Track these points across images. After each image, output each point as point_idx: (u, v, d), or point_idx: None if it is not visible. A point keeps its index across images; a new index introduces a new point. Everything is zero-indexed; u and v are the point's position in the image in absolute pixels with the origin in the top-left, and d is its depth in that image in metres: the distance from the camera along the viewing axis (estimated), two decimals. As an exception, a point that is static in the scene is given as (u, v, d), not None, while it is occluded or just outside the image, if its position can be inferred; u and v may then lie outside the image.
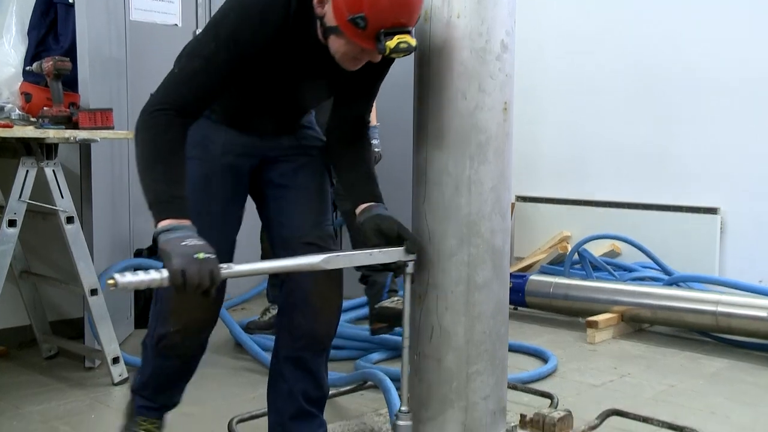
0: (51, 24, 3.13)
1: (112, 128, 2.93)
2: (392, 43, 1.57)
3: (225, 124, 1.87)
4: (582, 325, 3.74)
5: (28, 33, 3.12)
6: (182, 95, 1.67)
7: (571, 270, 4.42)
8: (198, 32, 1.94)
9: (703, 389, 2.95)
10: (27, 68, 2.96)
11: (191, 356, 1.91)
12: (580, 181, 4.88)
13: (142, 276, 1.48)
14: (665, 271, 4.21)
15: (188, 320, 1.80)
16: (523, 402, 2.65)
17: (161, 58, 2.18)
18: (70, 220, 2.88)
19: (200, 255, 1.51)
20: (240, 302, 4.31)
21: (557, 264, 4.71)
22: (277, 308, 2.04)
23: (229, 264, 1.56)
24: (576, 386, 2.96)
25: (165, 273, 1.49)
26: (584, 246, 4.37)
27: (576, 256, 4.40)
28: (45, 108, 2.83)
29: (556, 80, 4.97)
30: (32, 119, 2.83)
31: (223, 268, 1.53)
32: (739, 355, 3.40)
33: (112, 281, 1.45)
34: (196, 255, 1.51)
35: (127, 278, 1.46)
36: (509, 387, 2.20)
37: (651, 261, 4.32)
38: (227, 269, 1.55)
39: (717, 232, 4.29)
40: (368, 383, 2.73)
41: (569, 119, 4.94)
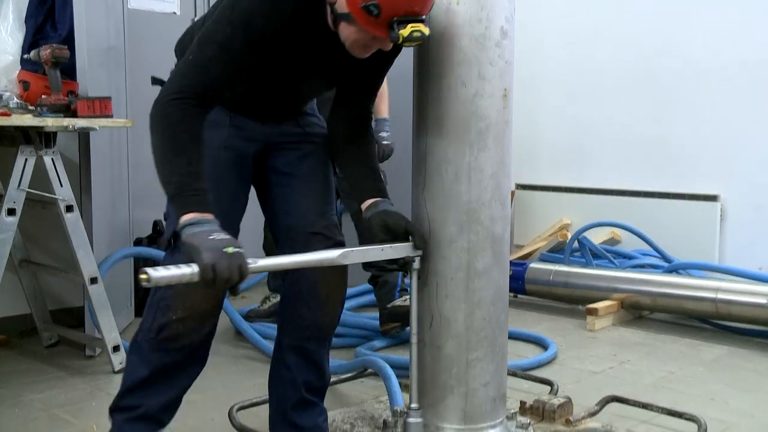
0: (48, 12, 3.12)
1: (111, 116, 2.92)
2: (405, 32, 1.55)
3: (228, 109, 1.85)
4: (582, 313, 3.75)
5: (26, 21, 3.10)
6: (199, 83, 1.64)
7: (571, 258, 4.43)
8: (196, 19, 1.91)
9: (703, 376, 2.95)
10: (25, 56, 2.95)
11: (192, 350, 1.80)
12: (580, 169, 4.87)
13: (174, 270, 1.46)
14: (665, 259, 4.21)
15: (191, 308, 1.74)
16: (523, 389, 2.66)
17: (160, 47, 2.18)
18: (70, 209, 2.88)
19: (229, 249, 1.50)
20: (241, 291, 4.29)
21: (557, 252, 4.71)
22: (280, 297, 2.03)
23: (255, 258, 1.55)
24: (576, 373, 2.97)
25: (195, 267, 1.47)
26: (584, 234, 4.37)
27: (576, 244, 4.40)
28: (43, 96, 2.82)
29: (556, 68, 4.95)
30: (30, 107, 2.83)
31: (250, 263, 1.53)
32: (739, 342, 3.41)
33: (145, 276, 1.43)
34: (225, 249, 1.49)
35: (160, 273, 1.44)
36: (509, 374, 2.20)
37: (651, 248, 4.32)
38: (253, 264, 1.54)
39: (717, 220, 4.28)
40: (369, 371, 2.74)
41: (569, 107, 4.93)
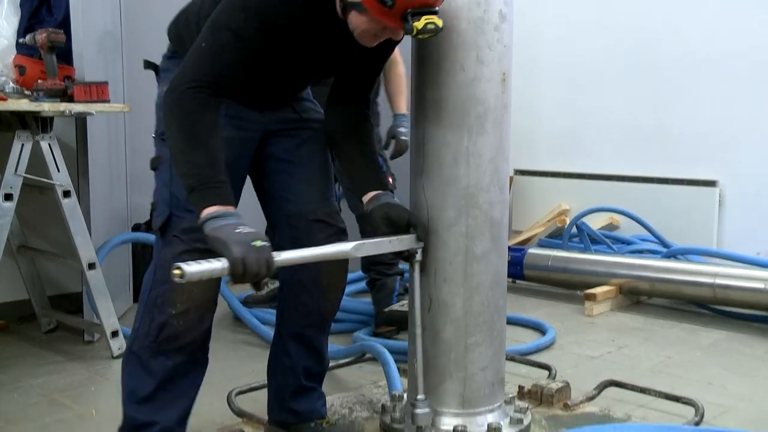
0: (44, -5, 3.10)
1: (108, 102, 2.91)
2: (420, 24, 1.52)
3: (226, 97, 1.80)
4: (580, 298, 3.76)
5: (21, 4, 3.08)
6: (214, 71, 1.61)
7: (570, 243, 4.43)
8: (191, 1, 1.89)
9: (701, 360, 2.96)
10: (20, 40, 2.93)
11: (193, 350, 1.75)
12: (579, 155, 4.87)
13: (206, 265, 1.45)
14: (663, 244, 4.22)
15: (190, 300, 1.70)
16: (522, 374, 2.66)
17: (157, 31, 2.15)
18: (67, 194, 2.87)
19: (257, 243, 1.49)
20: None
21: (556, 237, 4.71)
22: (279, 285, 2.01)
23: (277, 252, 1.54)
24: (574, 358, 2.98)
25: (225, 262, 1.46)
26: (582, 219, 4.37)
27: (574, 230, 4.40)
28: (39, 81, 2.80)
29: (555, 54, 4.94)
30: (27, 92, 2.81)
31: (274, 256, 1.52)
32: (737, 327, 3.41)
33: (179, 271, 1.41)
34: (254, 243, 1.48)
35: (193, 268, 1.43)
36: (507, 359, 2.20)
37: (649, 234, 4.32)
38: (277, 257, 1.53)
39: (715, 205, 4.29)
40: (367, 356, 2.75)
41: (567, 93, 4.91)
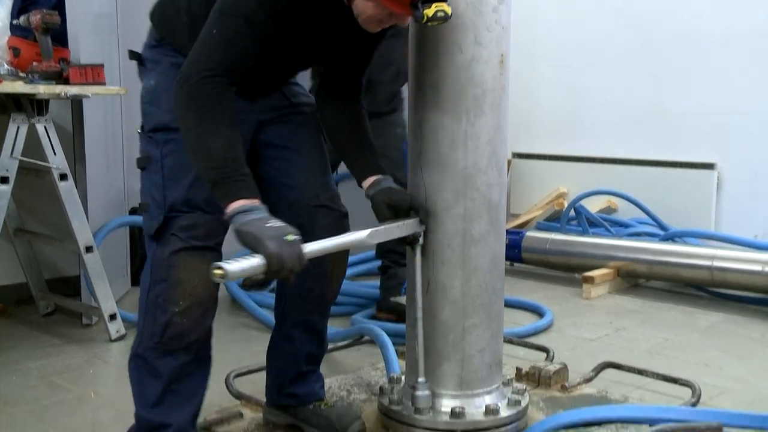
0: (38, -24, 3.07)
1: (104, 84, 2.89)
2: (430, 12, 1.50)
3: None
4: (578, 281, 3.76)
5: (14, -15, 3.06)
6: (227, 59, 1.56)
7: (568, 226, 4.43)
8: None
9: (698, 342, 2.97)
10: (14, 22, 2.90)
11: (199, 347, 1.72)
12: (577, 138, 4.85)
13: (245, 263, 1.43)
14: (661, 227, 4.22)
15: (192, 296, 1.66)
16: (519, 356, 2.67)
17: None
18: (64, 177, 2.87)
19: (289, 237, 1.47)
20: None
21: (554, 220, 4.71)
22: None
23: (305, 244, 1.53)
24: (572, 340, 2.98)
25: (261, 258, 1.44)
26: (580, 202, 4.37)
27: (572, 212, 4.40)
28: (34, 63, 2.78)
29: (553, 36, 4.91)
30: (21, 74, 2.79)
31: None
32: (734, 309, 3.42)
33: (221, 271, 1.40)
34: (286, 237, 1.47)
35: (234, 266, 1.42)
36: (505, 341, 2.21)
37: (647, 216, 4.32)
38: (305, 249, 1.52)
39: (713, 188, 4.28)
40: (365, 338, 2.75)
41: (565, 75, 4.89)
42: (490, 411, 1.88)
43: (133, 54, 1.81)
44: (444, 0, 1.53)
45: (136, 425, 1.72)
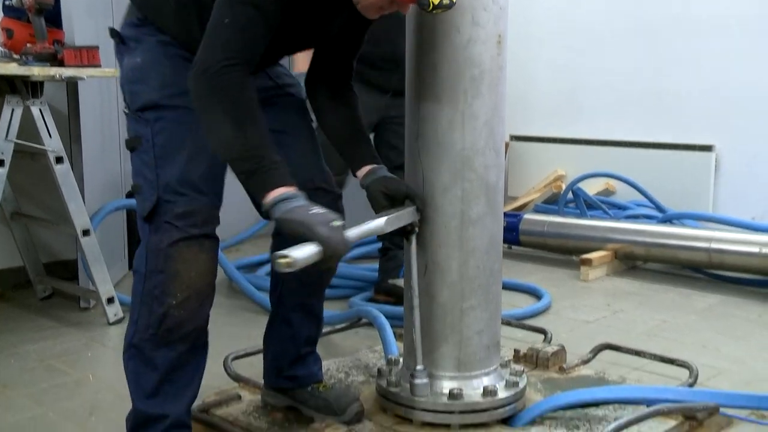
0: (31, -44, 3.03)
1: (99, 66, 2.87)
2: None
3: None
4: (576, 263, 3.76)
5: (7, -34, 3.03)
6: (244, 48, 1.53)
7: (566, 209, 4.42)
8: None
9: (695, 324, 2.98)
10: (7, 2, 2.87)
11: (196, 337, 1.69)
12: (575, 120, 4.84)
13: (306, 250, 1.43)
14: (659, 209, 4.22)
15: (189, 287, 1.63)
16: (517, 338, 2.67)
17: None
18: (60, 160, 2.85)
19: (335, 223, 1.48)
20: (235, 243, 4.31)
21: (551, 203, 4.71)
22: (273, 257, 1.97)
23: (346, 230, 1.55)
24: (569, 322, 2.99)
25: (317, 245, 1.45)
26: (578, 184, 4.37)
27: (570, 195, 4.40)
28: (28, 45, 2.76)
29: (551, 17, 4.88)
30: (15, 56, 2.77)
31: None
32: (731, 291, 3.43)
33: (288, 260, 1.40)
34: (333, 223, 1.47)
35: (299, 254, 1.42)
36: (503, 323, 2.20)
37: (645, 199, 4.32)
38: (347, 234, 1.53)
39: (711, 170, 4.28)
40: (363, 320, 2.75)
41: (564, 57, 4.87)
42: (488, 392, 1.88)
43: (114, 32, 1.76)
44: None
45: (133, 416, 1.71)
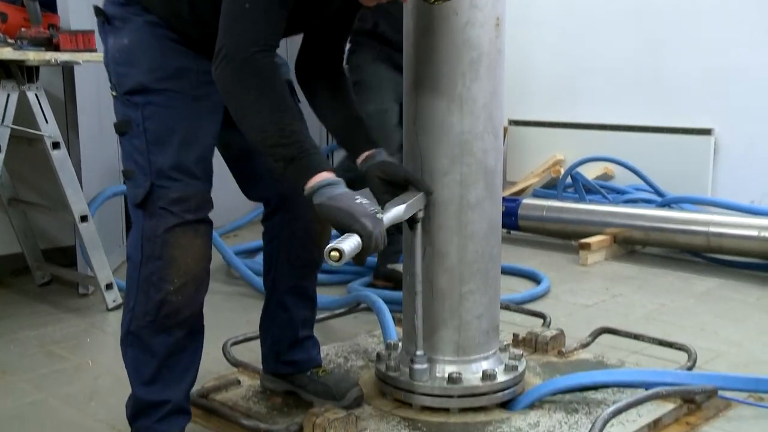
0: (24, -61, 3.00)
1: (95, 50, 2.85)
2: None
3: (195, 51, 1.65)
4: (575, 248, 3.76)
5: (1, -51, 2.99)
6: (269, 32, 1.51)
7: (564, 193, 4.42)
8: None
9: (694, 307, 2.98)
10: (1, -14, 2.86)
11: (193, 321, 1.69)
12: (573, 104, 4.82)
13: (351, 242, 1.45)
14: (658, 193, 4.21)
15: (186, 273, 1.62)
16: (516, 322, 2.68)
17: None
18: (56, 146, 2.84)
19: (379, 215, 1.49)
20: (232, 229, 4.30)
21: (550, 187, 4.70)
22: (264, 242, 1.95)
23: None
24: (568, 307, 2.99)
25: (358, 237, 1.46)
26: (577, 169, 4.36)
27: (569, 180, 4.39)
28: (23, 29, 2.74)
29: (549, 1, 4.84)
30: (10, 41, 2.74)
31: None
32: (730, 274, 3.43)
33: (338, 254, 1.42)
34: (378, 215, 1.48)
35: (347, 246, 1.44)
36: (502, 307, 2.21)
37: (644, 183, 4.31)
38: None
39: (710, 154, 4.27)
40: (362, 305, 2.75)
41: (562, 41, 4.84)
42: (487, 376, 1.89)
43: (99, 10, 1.71)
44: None
45: (133, 402, 1.70)
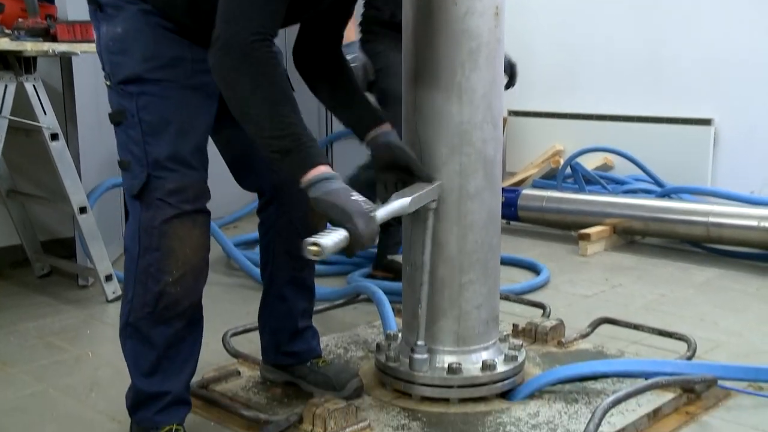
0: (21, -71, 2.98)
1: (93, 41, 2.83)
2: None
3: (189, 39, 1.63)
4: (574, 238, 3.76)
5: (-2, -60, 2.98)
6: (269, 21, 1.49)
7: (564, 184, 4.41)
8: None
9: (693, 298, 2.98)
10: (-2, -23, 2.84)
11: (192, 312, 1.68)
12: (573, 95, 4.81)
13: (336, 237, 1.45)
14: (657, 183, 4.21)
15: (185, 264, 1.61)
16: (516, 313, 2.68)
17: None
18: (55, 137, 2.83)
19: (372, 213, 1.49)
20: (232, 221, 4.30)
21: (550, 178, 4.69)
22: (260, 233, 1.95)
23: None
24: (568, 297, 2.99)
25: (345, 233, 1.46)
26: (577, 159, 4.35)
27: (569, 170, 4.38)
28: (20, 20, 2.72)
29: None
30: (7, 31, 2.73)
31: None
32: (729, 265, 3.43)
33: (317, 248, 1.41)
34: (371, 213, 1.48)
35: (328, 241, 1.43)
36: (502, 298, 2.21)
37: (644, 173, 4.31)
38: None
39: (710, 144, 4.26)
40: (361, 296, 2.75)
41: (561, 30, 4.82)
42: (487, 366, 1.89)
43: None
44: None
45: (133, 393, 1.70)
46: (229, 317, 2.58)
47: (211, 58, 1.51)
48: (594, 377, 1.99)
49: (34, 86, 2.76)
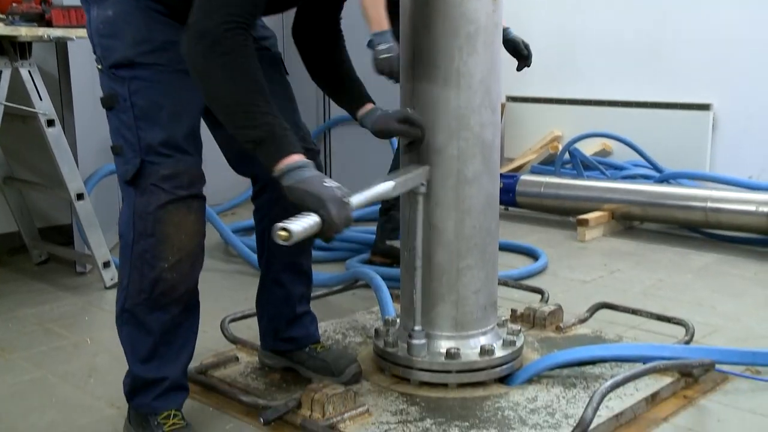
0: None
1: (88, 26, 2.81)
2: None
3: (181, 23, 1.60)
4: (573, 224, 3.76)
5: (-8, -76, 2.95)
6: (244, 8, 1.46)
7: (562, 169, 4.41)
8: None
9: (691, 283, 2.99)
10: (-8, -38, 2.82)
11: (188, 298, 1.67)
12: (571, 80, 4.79)
13: (306, 223, 1.44)
14: (656, 169, 4.21)
15: (181, 249, 1.60)
16: (514, 298, 2.68)
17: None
18: (51, 123, 2.82)
19: (345, 199, 1.49)
20: (230, 207, 4.29)
21: (548, 164, 4.69)
22: (256, 219, 1.95)
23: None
24: (566, 283, 2.99)
25: (318, 218, 1.46)
26: (575, 145, 4.34)
27: (567, 156, 4.38)
28: (14, 4, 2.70)
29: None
30: (1, 16, 2.71)
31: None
32: (727, 250, 3.44)
33: (286, 234, 1.41)
34: (344, 199, 1.48)
35: (298, 227, 1.43)
36: (500, 283, 2.21)
37: (642, 159, 4.30)
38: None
39: (709, 129, 4.25)
40: (359, 282, 2.75)
41: (560, 16, 4.80)
42: (485, 351, 1.89)
43: None
44: None
45: (130, 379, 1.70)
46: (228, 303, 2.58)
47: (183, 47, 1.48)
48: (592, 362, 1.99)
49: (30, 72, 2.74)
